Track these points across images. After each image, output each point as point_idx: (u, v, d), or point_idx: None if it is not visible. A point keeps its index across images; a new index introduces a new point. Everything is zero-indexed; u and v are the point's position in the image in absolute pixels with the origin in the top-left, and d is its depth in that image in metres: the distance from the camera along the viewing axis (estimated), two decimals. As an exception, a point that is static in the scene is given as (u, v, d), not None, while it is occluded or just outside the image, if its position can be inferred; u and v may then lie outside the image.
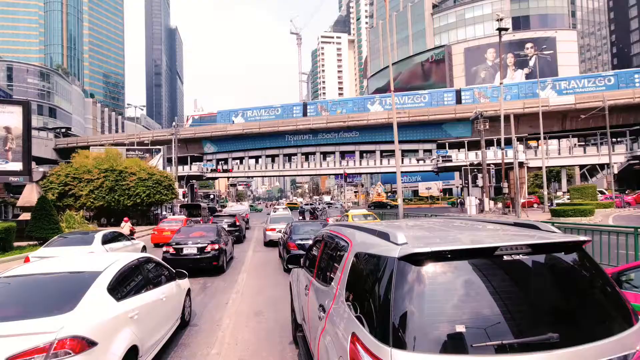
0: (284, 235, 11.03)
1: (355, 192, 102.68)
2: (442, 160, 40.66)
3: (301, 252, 9.17)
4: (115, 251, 9.86)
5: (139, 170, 28.32)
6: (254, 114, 57.60)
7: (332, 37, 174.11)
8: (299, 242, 9.40)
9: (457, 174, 77.81)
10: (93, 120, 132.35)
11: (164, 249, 9.38)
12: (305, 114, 54.89)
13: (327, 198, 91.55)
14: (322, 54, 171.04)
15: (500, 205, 35.80)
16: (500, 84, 32.87)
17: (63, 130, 72.62)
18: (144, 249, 12.16)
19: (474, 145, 47.53)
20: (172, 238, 9.92)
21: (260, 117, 56.43)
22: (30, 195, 17.31)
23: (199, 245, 9.42)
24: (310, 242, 9.22)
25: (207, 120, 56.46)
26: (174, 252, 9.29)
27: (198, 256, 9.35)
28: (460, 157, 46.04)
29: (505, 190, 31.02)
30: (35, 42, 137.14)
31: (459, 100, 52.18)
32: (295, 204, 58.48)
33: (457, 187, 78.03)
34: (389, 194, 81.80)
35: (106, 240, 9.78)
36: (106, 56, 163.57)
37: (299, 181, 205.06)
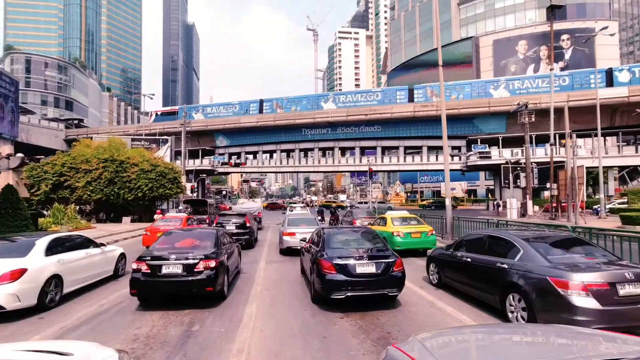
0: (310, 247, 7.74)
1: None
2: (480, 157, 36.68)
3: (347, 278, 5.89)
4: (69, 264, 6.77)
5: (141, 161, 25.57)
6: (213, 111, 56.52)
7: (350, 33, 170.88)
8: (340, 262, 6.09)
9: (482, 174, 73.39)
10: (109, 114, 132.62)
11: (133, 265, 6.22)
12: (261, 110, 52.66)
13: (342, 197, 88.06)
14: (339, 49, 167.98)
15: (537, 208, 31.84)
16: (551, 69, 28.87)
17: (75, 121, 71.42)
18: (121, 257, 9.08)
19: (507, 143, 43.32)
20: (148, 248, 6.73)
21: (219, 113, 55.53)
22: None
23: (187, 262, 6.22)
24: (362, 262, 5.89)
25: (170, 116, 55.15)
26: (148, 272, 6.10)
27: (184, 278, 6.16)
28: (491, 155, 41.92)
29: (555, 192, 27.02)
30: (55, 35, 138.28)
31: (411, 99, 48.32)
32: (330, 202, 55.05)
33: (483, 188, 73.45)
34: (409, 194, 77.80)
35: (54, 248, 6.70)
36: (124, 51, 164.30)
37: (312, 179, 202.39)
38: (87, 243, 7.93)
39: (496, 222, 11.55)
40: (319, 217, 22.83)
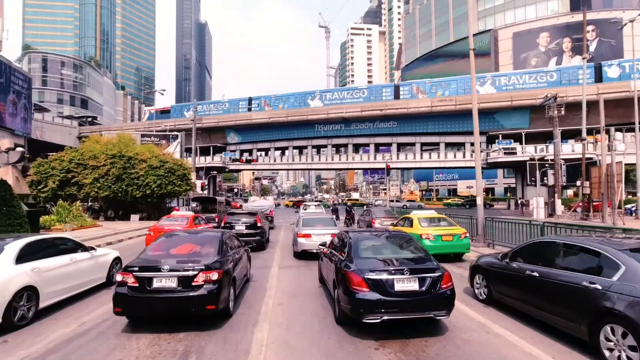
0: (331, 253, 6.50)
1: (384, 189, 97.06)
2: (505, 153, 34.73)
3: (383, 298, 4.64)
4: (47, 273, 5.70)
5: (150, 157, 24.74)
6: (204, 109, 56.73)
7: (362, 29, 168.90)
8: (373, 276, 4.82)
9: (500, 172, 70.81)
10: (123, 112, 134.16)
11: (118, 276, 5.08)
12: (250, 109, 52.20)
13: (355, 195, 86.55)
14: (352, 46, 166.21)
15: (562, 207, 29.76)
16: (583, 59, 26.92)
17: (89, 119, 71.79)
18: (116, 261, 8.01)
19: (530, 138, 41.20)
20: (138, 256, 5.59)
21: (209, 111, 55.63)
22: (4, 181, 13.74)
23: (184, 274, 5.05)
24: (402, 276, 4.64)
25: (164, 115, 55.31)
26: (136, 286, 4.95)
27: (180, 293, 4.99)
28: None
29: (587, 190, 25.10)
30: (71, 35, 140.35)
31: (397, 96, 46.80)
32: (354, 200, 53.57)
33: (501, 186, 70.88)
34: (424, 192, 75.78)
35: (29, 254, 5.62)
36: (137, 49, 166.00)
37: (324, 177, 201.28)
38: (73, 247, 6.85)
39: (541, 224, 10.06)
40: (334, 216, 21.56)
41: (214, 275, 5.14)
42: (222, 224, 13.02)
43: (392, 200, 40.17)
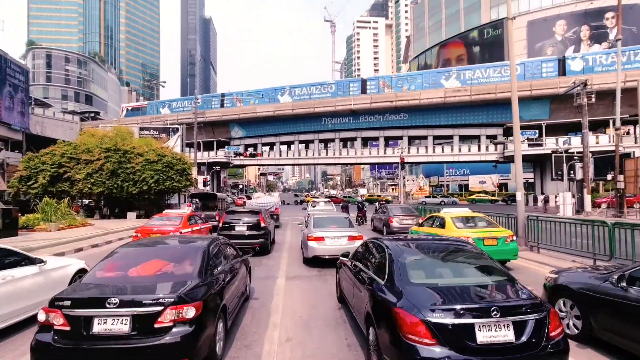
0: (355, 267, 4.69)
1: (392, 185, 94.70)
2: (528, 145, 32.51)
3: (460, 356, 2.74)
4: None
5: (147, 150, 23.10)
6: (178, 105, 55.50)
7: (369, 22, 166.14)
8: (440, 319, 2.99)
9: (512, 166, 68.17)
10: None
11: (40, 315, 3.31)
12: (222, 105, 50.95)
13: (363, 191, 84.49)
14: (358, 39, 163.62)
15: (586, 203, 27.51)
16: (618, 40, 24.65)
17: (92, 114, 70.64)
18: (80, 274, 6.26)
19: (550, 130, 38.88)
20: (76, 282, 3.83)
21: (184, 107, 54.28)
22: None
23: (141, 310, 3.27)
24: (487, 320, 2.81)
25: (140, 112, 54.17)
26: (67, 330, 3.18)
27: (134, 343, 3.21)
28: (524, 145, 37.55)
29: (621, 185, 22.94)
30: (75, 31, 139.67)
31: (364, 91, 45.10)
32: (376, 197, 49.26)
33: (514, 181, 68.28)
34: (434, 187, 73.47)
35: None
36: (142, 45, 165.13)
37: (330, 173, 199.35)
38: (12, 260, 5.12)
39: (610, 226, 8.12)
40: (349, 216, 19.73)
41: (190, 312, 3.36)
42: (221, 224, 11.27)
43: (409, 196, 38.18)
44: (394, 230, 15.23)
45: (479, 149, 41.60)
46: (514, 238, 8.99)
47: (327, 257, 9.16)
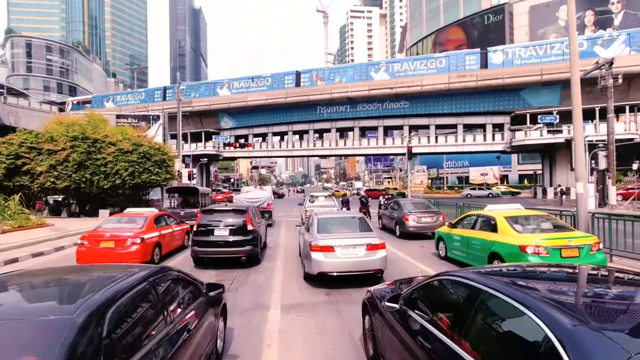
0: (424, 333, 2.07)
1: (388, 178, 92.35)
2: (547, 131, 30.14)
3: None
4: None
5: (121, 139, 20.21)
6: (122, 99, 53.23)
7: (363, 12, 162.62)
8: None
9: (514, 158, 66.10)
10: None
11: None
12: (164, 97, 48.33)
13: (358, 184, 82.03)
14: (351, 29, 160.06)
15: (611, 195, 25.50)
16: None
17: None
18: None
19: (561, 118, 36.63)
20: None
21: (127, 101, 52.10)
22: None
23: None
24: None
25: (85, 105, 51.77)
26: None
27: None
28: (535, 134, 35.38)
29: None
30: (57, 20, 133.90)
31: (298, 83, 43.45)
32: (383, 191, 41.92)
33: (515, 173, 66.30)
34: (433, 180, 71.26)
35: None
36: (129, 35, 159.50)
37: (324, 166, 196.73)
38: None
39: None
40: (345, 209, 17.18)
41: None
42: (195, 228, 8.60)
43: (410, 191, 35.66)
44: (410, 231, 12.70)
45: (485, 139, 39.26)
46: (600, 246, 6.50)
47: (334, 274, 6.63)
